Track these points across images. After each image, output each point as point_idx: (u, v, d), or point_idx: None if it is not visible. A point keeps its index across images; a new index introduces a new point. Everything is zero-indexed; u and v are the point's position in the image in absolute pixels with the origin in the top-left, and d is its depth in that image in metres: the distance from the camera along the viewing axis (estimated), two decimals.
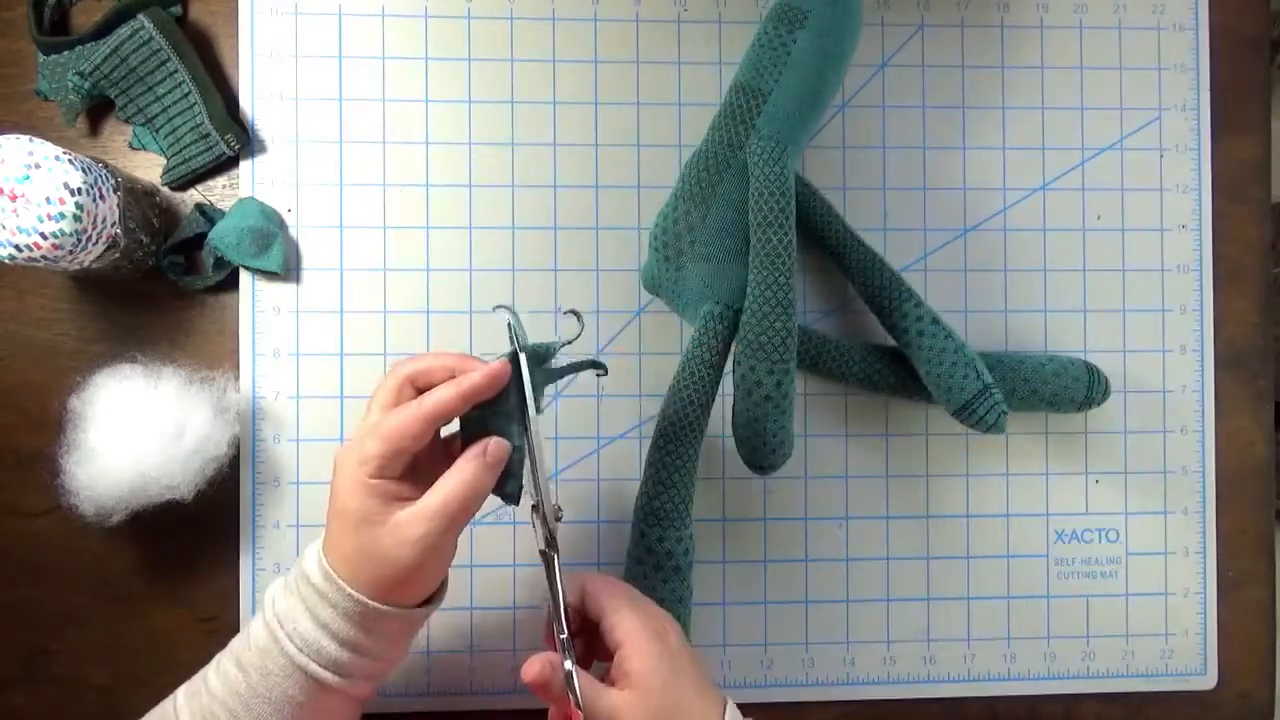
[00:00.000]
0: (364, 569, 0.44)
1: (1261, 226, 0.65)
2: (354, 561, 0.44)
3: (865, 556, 0.62)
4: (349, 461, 0.44)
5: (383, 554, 0.43)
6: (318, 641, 0.44)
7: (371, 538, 0.43)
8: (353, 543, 0.44)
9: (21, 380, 0.59)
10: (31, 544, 0.59)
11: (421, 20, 0.61)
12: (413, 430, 0.43)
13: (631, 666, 0.44)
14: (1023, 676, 0.63)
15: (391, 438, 0.43)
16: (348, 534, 0.44)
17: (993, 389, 0.54)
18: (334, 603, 0.44)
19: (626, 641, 0.45)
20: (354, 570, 0.44)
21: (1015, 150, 0.63)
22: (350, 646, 0.44)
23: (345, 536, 0.44)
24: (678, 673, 0.45)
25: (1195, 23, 0.64)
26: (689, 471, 0.53)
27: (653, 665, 0.44)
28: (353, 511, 0.43)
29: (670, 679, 0.45)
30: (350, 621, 0.44)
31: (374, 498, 0.43)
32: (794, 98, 0.53)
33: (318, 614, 0.44)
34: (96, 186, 0.50)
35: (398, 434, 0.43)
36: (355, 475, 0.43)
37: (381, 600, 0.44)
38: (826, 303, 0.63)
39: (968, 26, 0.63)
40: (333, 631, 0.44)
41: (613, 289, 0.61)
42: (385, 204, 0.61)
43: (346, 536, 0.44)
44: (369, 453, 0.43)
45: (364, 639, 0.44)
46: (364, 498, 0.43)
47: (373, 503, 0.43)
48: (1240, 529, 0.64)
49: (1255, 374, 0.65)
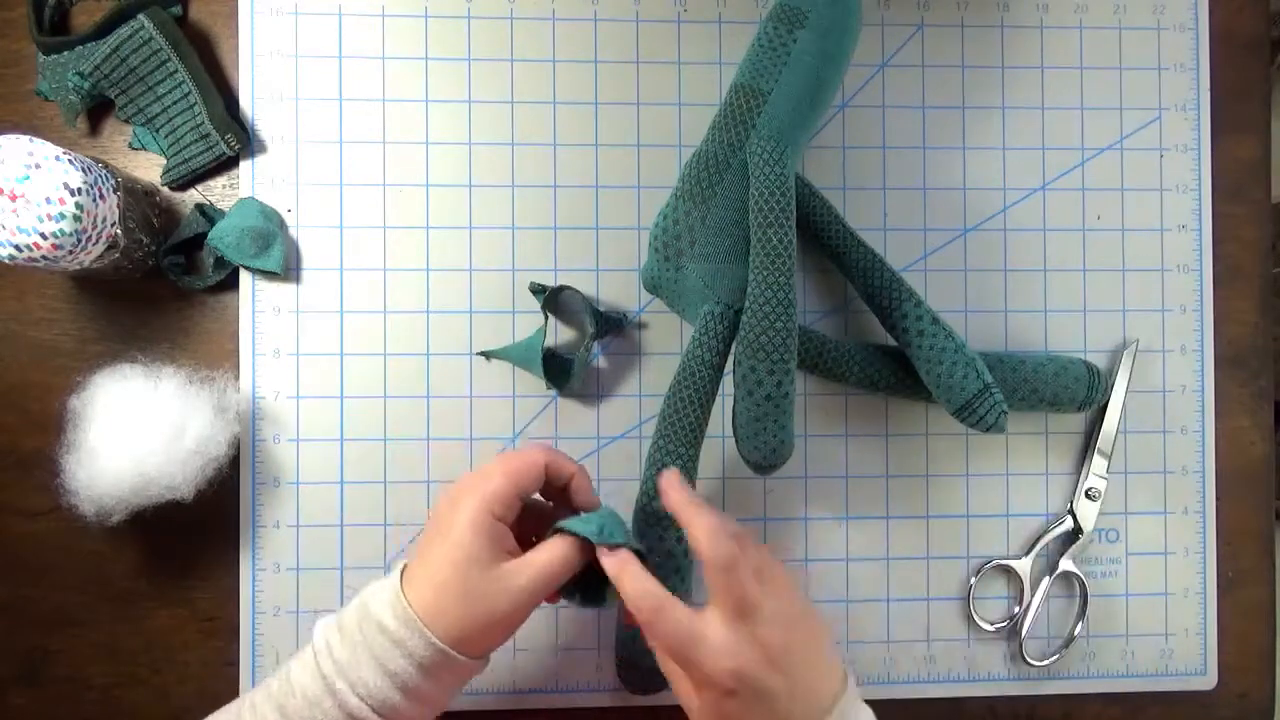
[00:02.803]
0: (455, 610, 0.43)
1: (1261, 226, 0.65)
2: (445, 602, 0.43)
3: (865, 556, 0.62)
4: (470, 500, 0.44)
5: (481, 597, 0.44)
6: (383, 692, 0.43)
7: (476, 579, 0.43)
8: (454, 581, 0.43)
9: (21, 380, 0.59)
10: (31, 544, 0.59)
11: (421, 20, 0.61)
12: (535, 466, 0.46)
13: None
14: (1023, 677, 0.63)
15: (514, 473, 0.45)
16: (450, 571, 0.43)
17: (993, 389, 0.54)
18: (410, 651, 0.43)
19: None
20: (442, 610, 0.43)
21: (1015, 150, 0.63)
22: (414, 695, 0.43)
23: (445, 572, 0.44)
24: (742, 700, 0.43)
25: (1195, 23, 0.64)
26: (689, 471, 0.53)
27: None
28: (467, 548, 0.44)
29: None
30: (422, 670, 0.43)
31: (490, 541, 0.44)
32: (794, 98, 0.53)
33: (388, 664, 0.43)
34: (96, 186, 0.50)
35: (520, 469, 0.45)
36: (478, 511, 0.44)
37: (454, 647, 0.43)
38: (826, 303, 0.63)
39: (968, 26, 0.63)
40: (401, 681, 0.43)
41: (613, 289, 0.61)
42: (385, 204, 0.61)
43: (447, 573, 0.43)
44: (494, 487, 0.45)
45: (429, 687, 0.44)
46: (481, 538, 0.44)
47: (487, 546, 0.44)
48: (1240, 529, 0.64)
49: (1255, 374, 0.65)
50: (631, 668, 0.55)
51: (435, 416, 0.60)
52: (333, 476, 0.60)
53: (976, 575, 0.62)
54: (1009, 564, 0.62)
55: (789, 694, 0.43)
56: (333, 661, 0.43)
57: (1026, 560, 0.62)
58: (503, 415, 0.61)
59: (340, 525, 0.60)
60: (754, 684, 0.42)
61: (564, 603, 0.50)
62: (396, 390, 0.60)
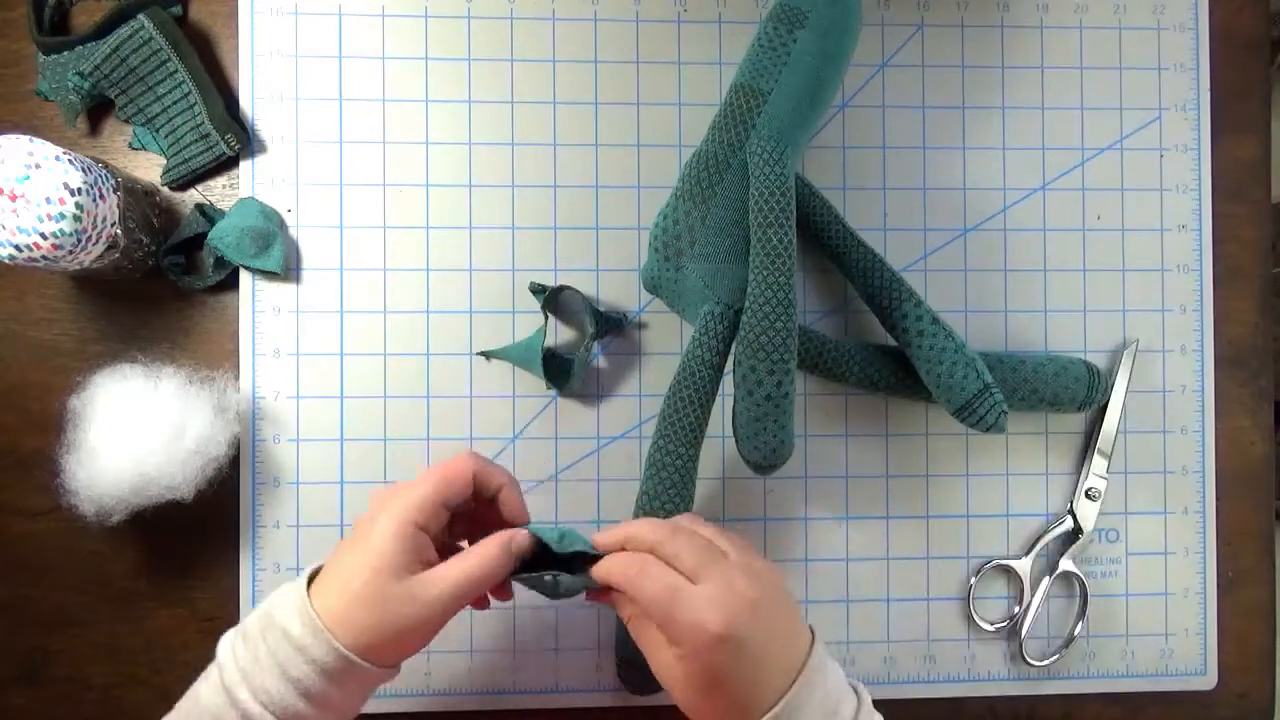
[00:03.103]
0: (363, 618, 0.43)
1: (1261, 226, 0.65)
2: (355, 609, 0.43)
3: (865, 556, 0.62)
4: (393, 507, 0.44)
5: (391, 607, 0.43)
6: (284, 699, 0.42)
7: (388, 588, 0.43)
8: (365, 589, 0.43)
9: (21, 380, 0.59)
10: (31, 544, 0.59)
11: (421, 20, 0.61)
12: (462, 476, 0.46)
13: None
14: (1023, 676, 0.63)
15: (440, 481, 0.45)
16: (365, 577, 0.43)
17: (993, 389, 0.54)
18: (314, 658, 0.42)
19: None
20: (350, 618, 0.42)
21: (1015, 150, 0.63)
22: (318, 702, 0.42)
23: (358, 580, 0.43)
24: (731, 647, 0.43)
25: (1195, 23, 0.64)
26: (689, 471, 0.53)
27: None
28: (384, 556, 0.43)
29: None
30: (326, 677, 0.42)
31: (408, 550, 0.43)
32: (794, 98, 0.53)
33: (290, 669, 0.42)
34: (96, 186, 0.50)
35: (446, 478, 0.45)
36: (400, 519, 0.44)
37: (362, 655, 0.43)
38: (826, 303, 0.63)
39: (968, 26, 0.63)
40: (304, 688, 0.42)
41: (613, 289, 0.61)
42: (385, 204, 0.61)
43: (360, 580, 0.43)
44: (418, 496, 0.44)
45: (334, 694, 0.43)
46: (401, 544, 0.43)
47: (404, 555, 0.43)
48: (1240, 529, 0.64)
49: (1255, 374, 0.65)
50: (631, 668, 0.55)
51: (435, 416, 0.60)
52: (333, 476, 0.60)
53: (976, 575, 0.62)
54: (1009, 564, 0.62)
55: (765, 644, 0.43)
56: (237, 670, 0.42)
57: (1026, 560, 0.62)
58: (503, 415, 0.61)
59: (340, 525, 0.60)
60: (738, 630, 0.42)
61: (511, 602, 0.50)
62: (396, 390, 0.60)
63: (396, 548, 0.43)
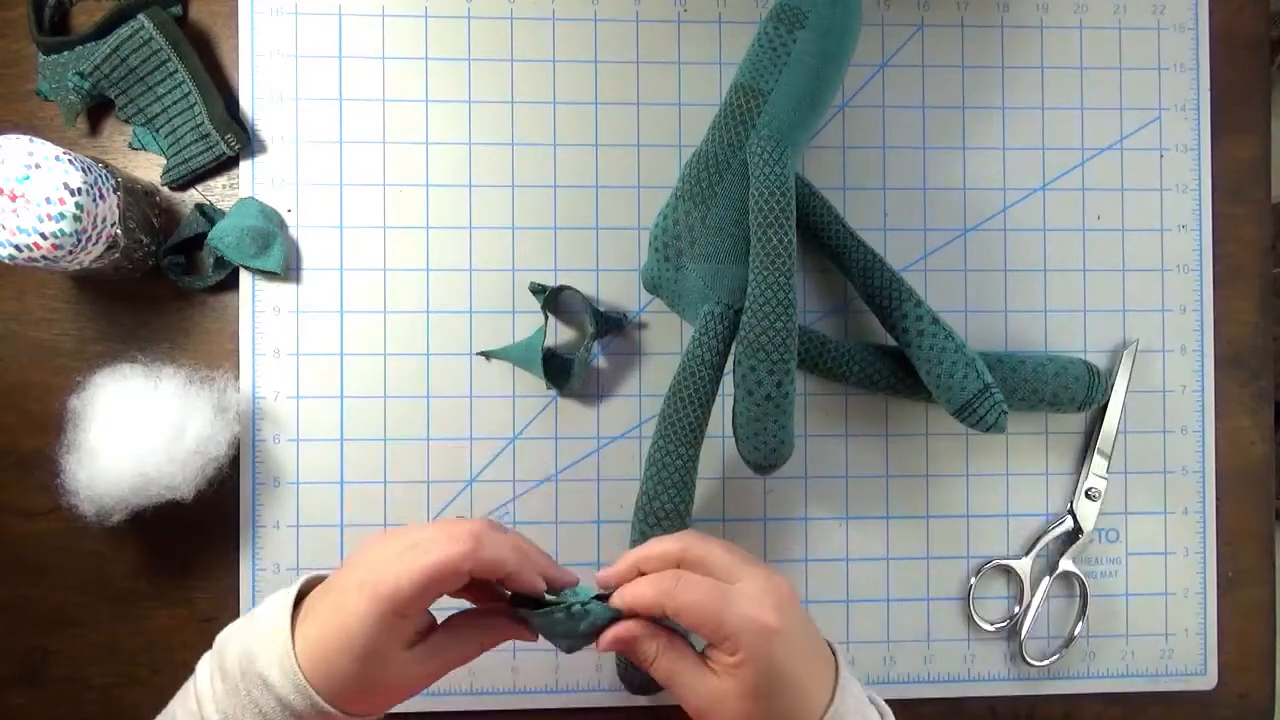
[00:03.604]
0: (344, 677, 0.41)
1: (1261, 226, 0.65)
2: (336, 669, 0.41)
3: (865, 557, 0.62)
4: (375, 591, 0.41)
5: (378, 680, 0.42)
6: None
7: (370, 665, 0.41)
8: (346, 659, 0.41)
9: (21, 380, 0.59)
10: (31, 544, 0.59)
11: (421, 20, 0.61)
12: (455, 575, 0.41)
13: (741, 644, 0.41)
14: (1023, 676, 0.63)
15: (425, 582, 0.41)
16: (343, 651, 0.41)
17: (993, 389, 0.54)
18: (295, 710, 0.41)
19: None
20: (331, 674, 0.41)
21: (1015, 150, 0.63)
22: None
23: (337, 648, 0.41)
24: (787, 641, 0.41)
25: (1195, 23, 0.64)
26: (689, 471, 0.53)
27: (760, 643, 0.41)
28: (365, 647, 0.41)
29: (779, 649, 0.41)
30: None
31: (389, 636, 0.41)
32: (794, 98, 0.53)
33: (269, 714, 0.41)
34: (96, 186, 0.50)
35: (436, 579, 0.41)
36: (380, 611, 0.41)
37: (342, 708, 0.42)
38: (826, 303, 0.63)
39: (968, 26, 0.64)
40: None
41: (613, 289, 0.61)
42: (385, 204, 0.61)
43: (340, 649, 0.41)
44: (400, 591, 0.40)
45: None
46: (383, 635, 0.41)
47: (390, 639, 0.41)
48: (1240, 529, 0.64)
49: (1255, 374, 0.65)
50: (632, 668, 0.55)
51: (435, 416, 0.60)
52: (333, 476, 0.60)
53: (976, 575, 0.62)
54: (1009, 564, 0.62)
55: (807, 640, 0.43)
56: (215, 709, 0.41)
57: (1026, 560, 0.62)
58: (503, 415, 0.61)
59: (340, 525, 0.60)
60: (790, 621, 0.41)
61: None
62: (396, 390, 0.60)
63: (375, 634, 0.41)
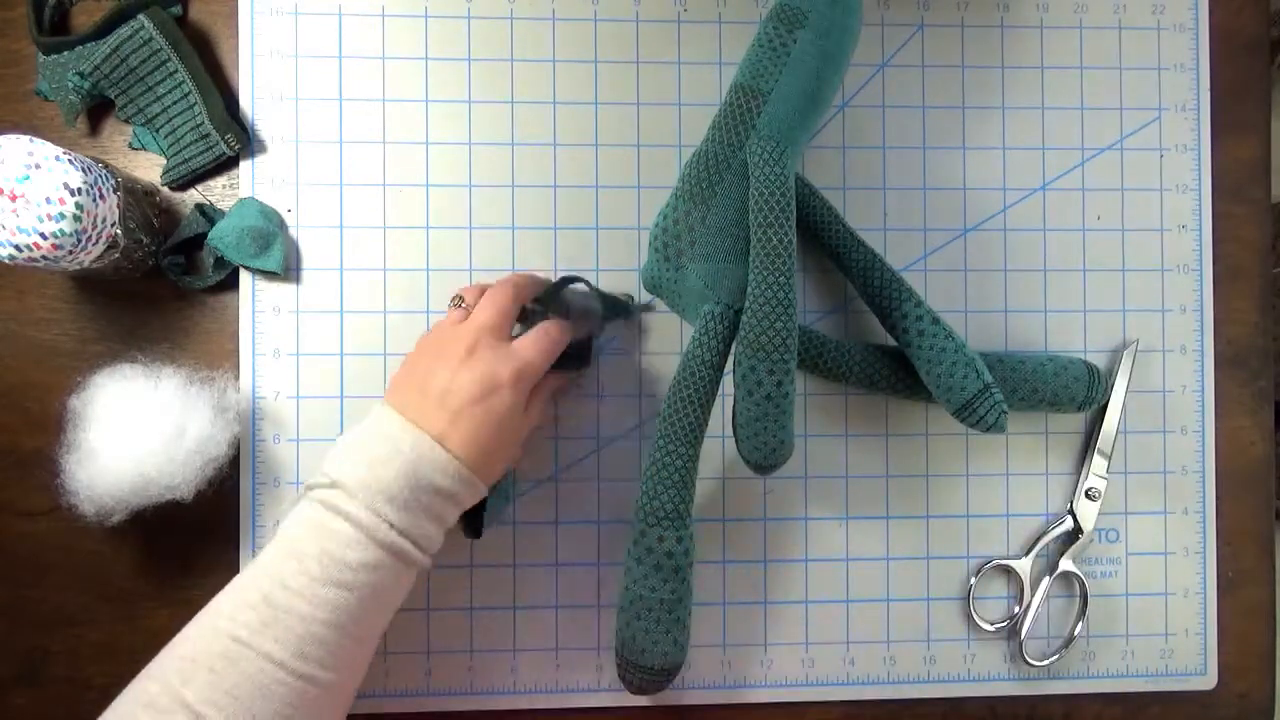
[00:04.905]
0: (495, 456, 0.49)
1: (1261, 226, 0.65)
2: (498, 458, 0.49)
3: (865, 556, 0.62)
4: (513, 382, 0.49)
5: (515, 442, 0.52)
6: (438, 538, 0.48)
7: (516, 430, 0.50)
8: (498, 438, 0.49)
9: (21, 380, 0.59)
10: (31, 544, 0.59)
11: (421, 20, 0.61)
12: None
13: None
14: (1023, 676, 0.63)
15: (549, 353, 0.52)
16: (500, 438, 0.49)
17: (993, 389, 0.54)
18: (457, 499, 0.48)
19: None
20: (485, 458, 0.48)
21: (1015, 150, 0.63)
22: (447, 526, 0.49)
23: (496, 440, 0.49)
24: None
25: (1195, 23, 0.64)
26: (689, 471, 0.53)
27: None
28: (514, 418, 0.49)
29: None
30: (456, 507, 0.48)
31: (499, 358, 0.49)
32: (794, 98, 0.53)
33: (444, 515, 0.48)
34: (96, 186, 0.50)
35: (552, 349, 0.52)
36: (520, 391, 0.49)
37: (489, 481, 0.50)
38: (826, 303, 0.63)
39: (968, 26, 0.64)
40: (445, 520, 0.48)
41: (613, 289, 0.61)
42: (385, 204, 0.61)
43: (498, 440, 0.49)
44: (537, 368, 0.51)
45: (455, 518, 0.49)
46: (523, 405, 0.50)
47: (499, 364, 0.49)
48: (1240, 529, 0.64)
49: (1255, 374, 0.65)
50: (631, 668, 0.55)
51: None
52: None
53: (976, 575, 0.62)
54: (1009, 564, 0.62)
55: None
56: (388, 528, 0.46)
57: (1026, 560, 0.62)
58: None
59: None
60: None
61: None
62: None
63: (519, 409, 0.50)
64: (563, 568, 0.61)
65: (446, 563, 0.60)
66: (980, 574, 0.62)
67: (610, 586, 0.61)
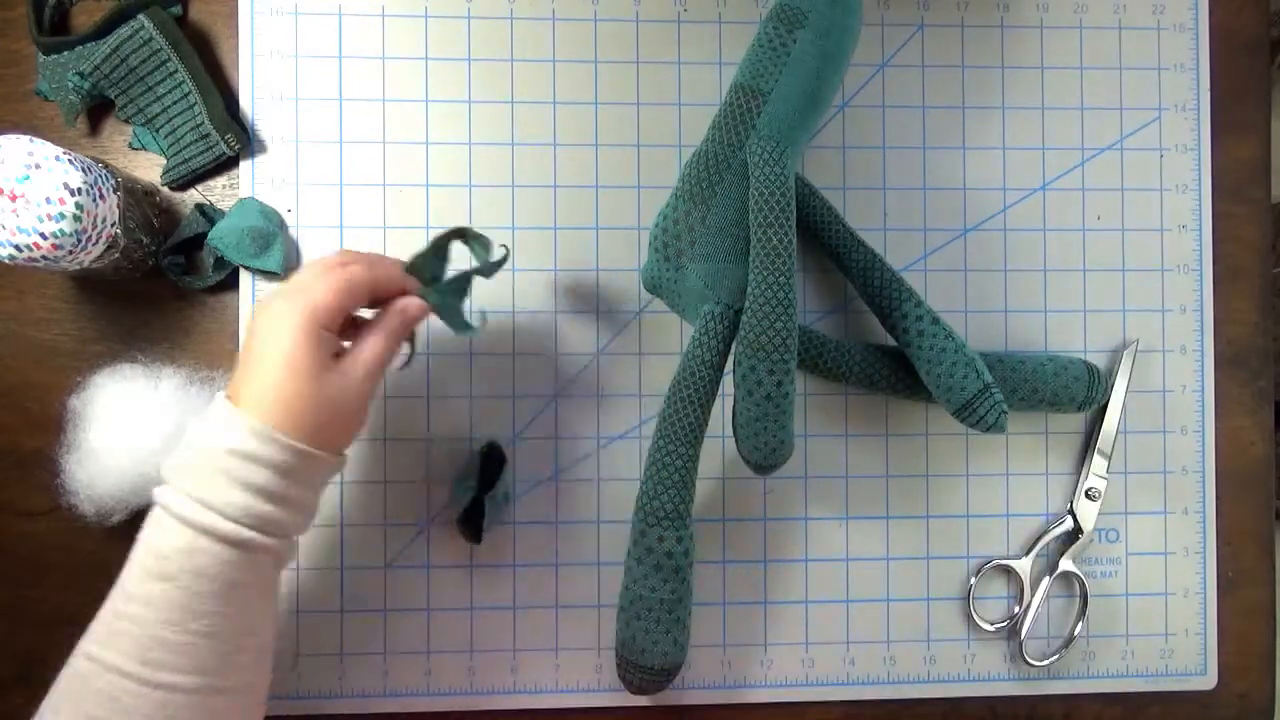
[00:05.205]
0: (307, 417, 0.45)
1: (1261, 226, 0.65)
2: (297, 410, 0.45)
3: (865, 556, 0.62)
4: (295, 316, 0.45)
5: (331, 398, 0.46)
6: (254, 508, 0.43)
7: (322, 383, 0.45)
8: (301, 391, 0.45)
9: (21, 380, 0.59)
10: (31, 544, 0.59)
11: (421, 20, 0.61)
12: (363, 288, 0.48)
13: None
14: (1023, 676, 0.63)
15: (342, 294, 0.47)
16: (293, 384, 0.45)
17: (993, 389, 0.54)
18: (271, 462, 0.44)
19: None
20: (296, 420, 0.45)
21: (1015, 150, 0.63)
22: (283, 502, 0.45)
23: (289, 387, 0.45)
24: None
25: (1195, 23, 0.64)
26: (689, 471, 0.53)
27: None
28: (303, 361, 0.45)
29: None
30: (287, 477, 0.45)
31: (320, 349, 0.46)
32: (794, 98, 0.53)
33: (252, 480, 0.43)
34: (96, 186, 0.50)
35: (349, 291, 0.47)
36: (308, 325, 0.45)
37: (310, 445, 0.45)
38: (826, 303, 0.63)
39: (968, 26, 0.64)
40: (270, 492, 0.44)
41: (613, 289, 0.61)
42: (385, 204, 0.61)
43: (290, 386, 0.45)
44: (321, 304, 0.46)
45: (297, 492, 0.45)
46: (311, 349, 0.45)
47: (319, 353, 0.45)
48: (1240, 529, 0.64)
49: (1255, 374, 0.65)
50: (631, 668, 0.56)
51: (435, 417, 0.60)
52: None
53: (976, 575, 0.62)
54: (1009, 564, 0.62)
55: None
56: (195, 502, 0.43)
57: (1026, 560, 0.62)
58: (503, 415, 0.61)
59: (340, 526, 0.60)
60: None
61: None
62: (396, 390, 0.60)
63: (311, 348, 0.45)
64: (563, 568, 0.61)
65: (447, 563, 0.60)
66: (980, 574, 0.62)
67: (610, 586, 0.61)
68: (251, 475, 0.43)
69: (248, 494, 0.43)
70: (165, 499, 0.44)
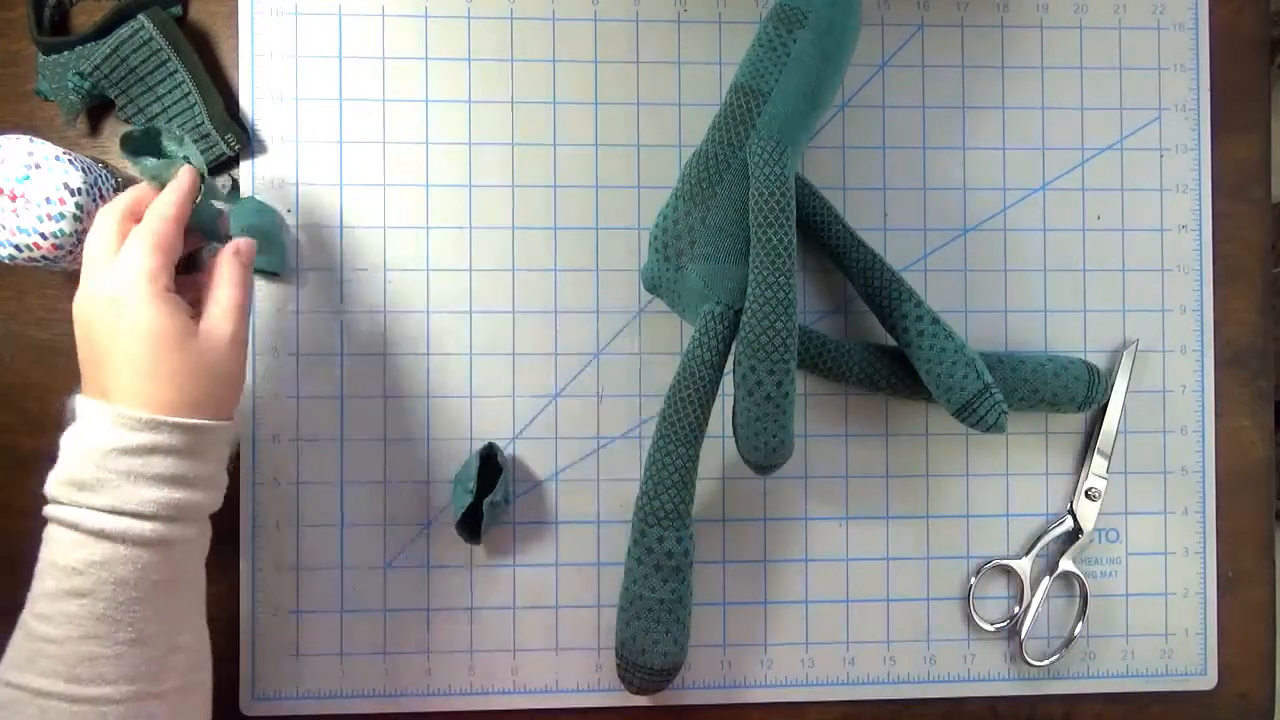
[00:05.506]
0: (188, 390, 0.43)
1: (1261, 226, 0.65)
2: (177, 386, 0.43)
3: (865, 556, 0.62)
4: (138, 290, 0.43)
5: (207, 363, 0.44)
6: (169, 499, 0.42)
7: (191, 350, 0.43)
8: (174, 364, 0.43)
9: (21, 380, 0.59)
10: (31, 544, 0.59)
11: (421, 20, 0.61)
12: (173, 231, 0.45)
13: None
14: (1023, 676, 0.63)
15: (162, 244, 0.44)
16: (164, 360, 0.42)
17: (993, 389, 0.54)
18: (171, 448, 0.42)
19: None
20: (178, 396, 0.43)
21: (1015, 150, 0.63)
22: (193, 484, 0.43)
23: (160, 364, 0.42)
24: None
25: (1195, 23, 0.64)
26: (689, 471, 0.53)
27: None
28: (164, 331, 0.42)
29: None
30: (191, 457, 0.43)
31: (178, 312, 0.43)
32: (794, 98, 0.53)
33: (160, 472, 0.42)
34: (96, 186, 0.50)
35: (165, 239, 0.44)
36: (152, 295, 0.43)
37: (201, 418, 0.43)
38: (826, 303, 0.63)
39: (968, 26, 0.64)
40: (179, 478, 0.42)
41: (613, 289, 0.61)
42: (385, 204, 0.61)
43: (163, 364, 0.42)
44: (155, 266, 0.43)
45: (204, 468, 0.44)
46: (170, 314, 0.43)
47: (179, 316, 0.43)
48: (1240, 529, 0.64)
49: (1255, 374, 0.65)
50: (631, 668, 0.56)
51: (435, 416, 0.60)
52: (333, 476, 0.60)
53: (976, 575, 0.62)
54: (1009, 564, 0.62)
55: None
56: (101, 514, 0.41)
57: (1026, 560, 0.62)
58: (503, 415, 0.61)
59: (340, 525, 0.60)
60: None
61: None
62: (396, 390, 0.60)
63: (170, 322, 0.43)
64: (563, 568, 0.61)
65: (446, 563, 0.60)
66: (980, 574, 0.62)
67: (610, 586, 0.61)
68: (155, 467, 0.42)
69: (158, 487, 0.42)
70: (69, 517, 0.42)
